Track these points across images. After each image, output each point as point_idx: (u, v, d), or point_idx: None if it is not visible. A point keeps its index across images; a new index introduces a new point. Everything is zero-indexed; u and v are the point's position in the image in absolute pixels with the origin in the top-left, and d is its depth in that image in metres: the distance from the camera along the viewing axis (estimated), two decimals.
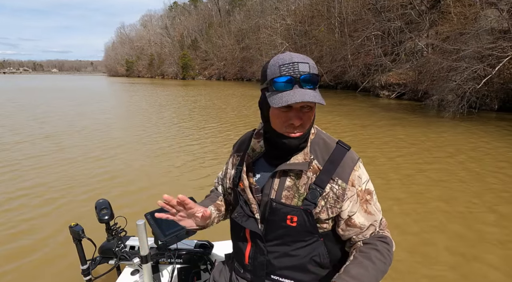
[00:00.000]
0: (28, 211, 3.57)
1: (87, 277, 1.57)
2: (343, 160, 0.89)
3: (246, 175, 0.96)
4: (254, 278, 0.98)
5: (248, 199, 0.95)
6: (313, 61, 0.86)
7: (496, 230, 3.03)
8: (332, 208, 0.88)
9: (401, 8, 18.67)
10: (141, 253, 1.20)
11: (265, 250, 0.94)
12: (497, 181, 4.33)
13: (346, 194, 0.88)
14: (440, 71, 11.84)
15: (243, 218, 0.96)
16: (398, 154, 5.78)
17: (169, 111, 12.23)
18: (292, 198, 0.89)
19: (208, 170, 4.99)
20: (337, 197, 0.88)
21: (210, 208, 1.10)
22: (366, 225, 0.91)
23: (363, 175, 0.92)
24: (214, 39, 52.11)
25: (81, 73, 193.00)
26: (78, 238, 1.49)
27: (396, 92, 16.28)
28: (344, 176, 0.88)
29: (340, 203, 0.88)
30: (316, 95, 0.80)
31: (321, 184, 0.87)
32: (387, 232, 0.96)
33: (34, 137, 7.37)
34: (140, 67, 76.48)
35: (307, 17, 30.82)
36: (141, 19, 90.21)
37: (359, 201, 0.90)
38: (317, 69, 0.84)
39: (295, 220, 0.88)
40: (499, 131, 7.64)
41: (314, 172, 0.89)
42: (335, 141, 0.95)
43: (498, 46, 9.60)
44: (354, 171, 0.89)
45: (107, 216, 1.54)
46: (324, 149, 0.92)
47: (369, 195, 0.92)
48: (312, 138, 0.93)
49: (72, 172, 4.90)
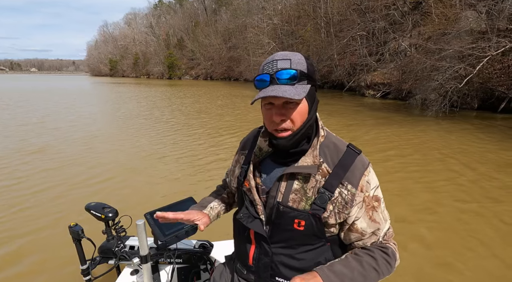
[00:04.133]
0: (28, 211, 3.56)
1: (87, 277, 1.56)
2: (354, 164, 0.86)
3: (253, 175, 0.94)
4: (258, 279, 0.96)
5: (254, 199, 0.93)
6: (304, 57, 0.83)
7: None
8: (340, 213, 0.85)
9: (385, 9, 19.08)
10: (140, 253, 1.20)
11: (269, 252, 0.92)
12: (471, 176, 4.55)
13: (355, 200, 0.85)
14: (423, 71, 12.17)
15: (248, 219, 0.93)
16: (380, 151, 5.96)
17: (161, 111, 12.09)
18: (299, 201, 0.86)
19: (209, 169, 5.02)
20: (345, 202, 0.84)
21: (212, 204, 1.15)
22: (368, 232, 0.88)
23: (372, 180, 0.88)
24: (201, 39, 51.62)
25: (62, 73, 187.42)
26: (78, 238, 1.49)
27: (381, 92, 16.62)
28: (354, 180, 0.85)
29: (348, 209, 0.85)
30: (288, 89, 0.76)
31: (330, 188, 0.84)
32: (392, 244, 0.92)
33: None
34: (125, 67, 74.87)
35: (294, 17, 31.03)
36: (125, 18, 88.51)
37: (364, 206, 0.87)
38: (305, 65, 0.81)
39: (303, 224, 0.86)
40: (478, 129, 7.95)
41: (323, 175, 0.86)
42: (345, 144, 0.91)
43: (478, 46, 9.95)
44: (364, 176, 0.86)
45: (111, 213, 1.53)
46: (334, 152, 0.88)
47: (377, 202, 0.88)
48: (322, 141, 0.90)
49: (72, 172, 4.87)
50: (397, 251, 0.91)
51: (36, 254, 2.76)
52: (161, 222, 1.06)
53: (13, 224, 3.27)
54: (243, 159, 1.03)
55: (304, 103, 0.82)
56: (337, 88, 21.52)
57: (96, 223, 1.57)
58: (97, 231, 1.65)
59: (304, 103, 0.83)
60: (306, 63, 0.82)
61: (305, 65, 0.81)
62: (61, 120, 9.86)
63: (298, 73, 0.79)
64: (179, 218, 1.00)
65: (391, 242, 0.92)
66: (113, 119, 10.33)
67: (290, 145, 0.85)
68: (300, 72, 0.79)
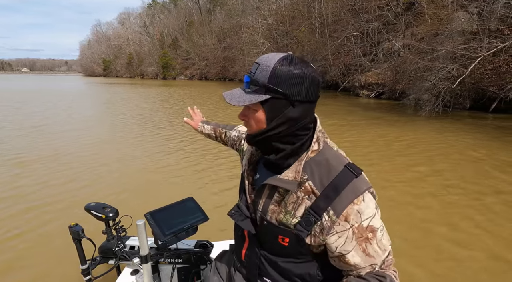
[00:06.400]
0: (28, 211, 3.56)
1: (87, 277, 1.56)
2: (345, 189, 0.77)
3: (248, 174, 0.96)
4: (248, 275, 0.99)
5: (246, 197, 0.95)
6: (276, 60, 0.75)
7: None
8: (315, 236, 0.80)
9: (379, 10, 19.23)
10: (141, 253, 1.21)
11: (258, 253, 0.93)
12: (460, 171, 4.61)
13: (333, 228, 0.77)
14: (416, 71, 12.28)
15: (239, 217, 0.95)
16: (372, 150, 6.04)
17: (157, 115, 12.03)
18: (278, 213, 0.84)
19: (210, 170, 5.07)
20: (323, 228, 0.78)
21: (208, 127, 1.52)
22: (362, 266, 0.80)
23: (366, 209, 0.77)
24: (195, 39, 51.40)
25: (55, 73, 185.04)
26: (78, 238, 1.49)
27: (375, 92, 16.76)
28: (338, 208, 0.76)
29: (324, 236, 0.79)
30: (236, 94, 0.80)
31: (317, 211, 0.78)
32: (391, 272, 0.82)
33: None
34: (118, 67, 74.20)
35: (288, 17, 31.07)
36: (118, 17, 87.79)
37: (355, 238, 0.78)
38: (267, 73, 0.74)
39: (287, 241, 0.83)
40: (471, 129, 8.08)
41: (307, 193, 0.80)
42: (343, 163, 0.81)
43: (470, 47, 10.08)
44: (353, 205, 0.76)
45: (112, 213, 1.54)
46: (325, 171, 0.80)
47: (372, 233, 0.78)
48: (311, 156, 0.82)
49: (71, 172, 4.87)
50: (397, 279, 0.82)
51: (36, 253, 2.76)
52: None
53: (13, 224, 3.28)
54: (248, 153, 1.02)
55: (260, 112, 0.79)
56: (332, 89, 21.63)
57: (96, 223, 1.58)
58: (97, 231, 1.65)
59: (260, 112, 0.79)
60: (273, 72, 0.74)
61: (268, 74, 0.74)
62: (62, 122, 9.78)
63: (250, 80, 0.78)
64: (191, 112, 1.60)
65: (391, 269, 0.82)
66: (113, 119, 10.26)
67: (254, 143, 0.86)
68: (252, 80, 0.77)
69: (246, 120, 0.84)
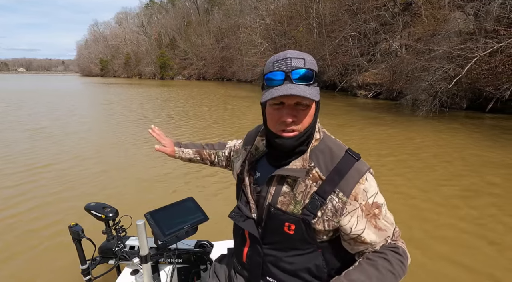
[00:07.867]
0: (28, 211, 3.56)
1: (87, 277, 1.56)
2: (349, 171, 0.82)
3: (248, 173, 0.96)
4: (250, 277, 0.97)
5: (247, 198, 0.94)
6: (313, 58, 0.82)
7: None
8: (329, 221, 0.83)
9: (376, 10, 19.28)
10: (140, 253, 1.20)
11: (261, 252, 0.92)
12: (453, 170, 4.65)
13: (345, 208, 0.81)
14: (414, 71, 12.33)
15: (240, 218, 0.94)
16: (372, 150, 6.06)
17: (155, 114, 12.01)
18: (288, 204, 0.85)
19: (209, 171, 5.01)
20: (335, 210, 0.82)
21: (188, 151, 1.47)
22: (378, 242, 0.85)
23: (370, 188, 0.83)
24: (193, 39, 51.32)
25: (52, 73, 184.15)
26: (78, 238, 1.48)
27: (373, 92, 16.81)
28: (346, 189, 0.81)
29: (338, 217, 0.82)
30: (305, 90, 0.76)
31: (322, 195, 0.82)
32: (400, 242, 0.89)
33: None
34: (116, 67, 73.92)
35: (286, 17, 31.10)
36: (116, 17, 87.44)
37: (364, 216, 0.83)
38: (316, 66, 0.80)
39: (293, 228, 0.84)
40: (467, 129, 8.13)
41: (314, 180, 0.84)
42: (344, 149, 0.87)
43: (467, 47, 10.14)
44: (359, 184, 0.82)
45: (111, 213, 1.54)
46: (329, 157, 0.85)
47: (377, 209, 0.84)
48: (315, 144, 0.87)
49: (70, 172, 4.87)
50: (406, 249, 0.89)
51: (37, 253, 2.76)
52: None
53: (13, 224, 3.28)
54: (244, 155, 1.02)
55: (313, 106, 0.82)
56: (330, 89, 21.66)
57: (96, 223, 1.58)
58: (97, 231, 1.65)
59: (313, 107, 0.83)
60: (317, 65, 0.81)
61: (316, 68, 0.80)
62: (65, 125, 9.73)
63: (313, 74, 0.78)
64: (155, 135, 1.47)
65: (400, 240, 0.90)
66: (113, 119, 10.23)
67: (296, 145, 0.84)
68: (315, 73, 0.79)
69: (295, 120, 0.81)
